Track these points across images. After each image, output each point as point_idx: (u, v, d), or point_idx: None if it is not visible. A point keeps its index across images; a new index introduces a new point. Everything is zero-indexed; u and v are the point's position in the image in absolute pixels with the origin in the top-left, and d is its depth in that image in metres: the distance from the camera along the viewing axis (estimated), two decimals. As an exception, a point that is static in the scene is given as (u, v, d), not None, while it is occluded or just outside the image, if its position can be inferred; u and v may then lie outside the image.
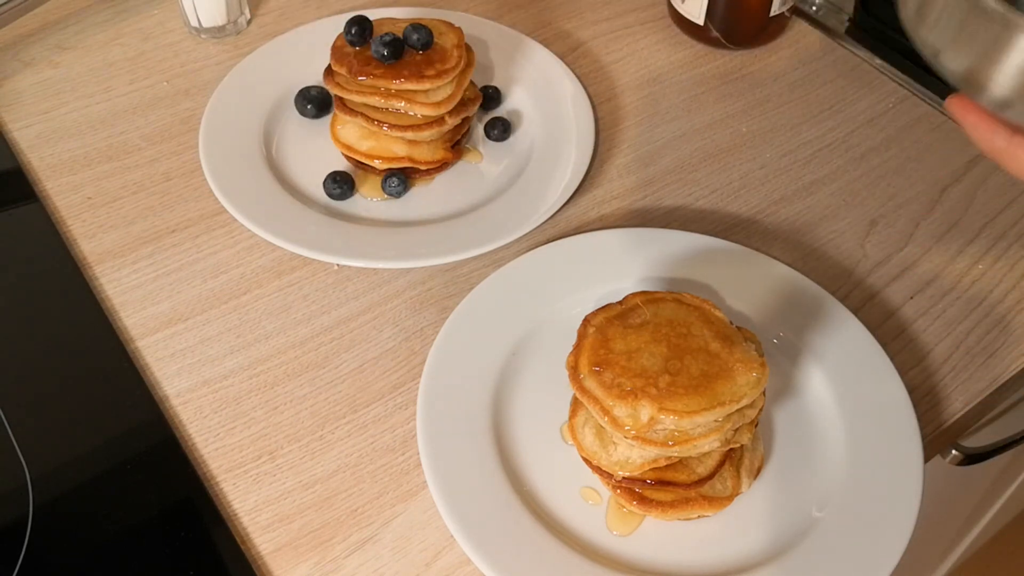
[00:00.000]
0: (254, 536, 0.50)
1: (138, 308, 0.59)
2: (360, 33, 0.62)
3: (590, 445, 0.49)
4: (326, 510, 0.51)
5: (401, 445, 0.53)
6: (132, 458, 0.52)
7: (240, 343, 0.57)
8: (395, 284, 0.61)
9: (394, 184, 0.64)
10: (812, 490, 0.52)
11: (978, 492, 1.01)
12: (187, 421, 0.54)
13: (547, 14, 0.79)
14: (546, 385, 0.55)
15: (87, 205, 0.64)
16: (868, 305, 0.61)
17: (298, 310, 0.59)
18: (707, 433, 0.46)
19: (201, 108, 0.69)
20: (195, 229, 0.63)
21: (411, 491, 0.52)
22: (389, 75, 0.60)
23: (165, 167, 0.66)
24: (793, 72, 0.76)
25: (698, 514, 0.50)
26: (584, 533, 0.50)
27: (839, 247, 0.64)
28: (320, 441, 0.53)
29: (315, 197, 0.64)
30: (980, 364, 0.59)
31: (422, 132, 0.62)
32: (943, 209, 0.67)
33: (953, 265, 0.64)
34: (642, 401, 0.45)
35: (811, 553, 0.49)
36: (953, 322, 0.60)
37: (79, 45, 0.75)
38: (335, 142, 0.65)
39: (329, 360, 0.57)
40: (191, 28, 0.75)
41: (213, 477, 0.52)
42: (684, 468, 0.49)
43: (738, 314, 0.58)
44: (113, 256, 0.61)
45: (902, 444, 0.52)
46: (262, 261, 0.62)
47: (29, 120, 0.69)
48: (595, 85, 0.73)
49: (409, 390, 0.56)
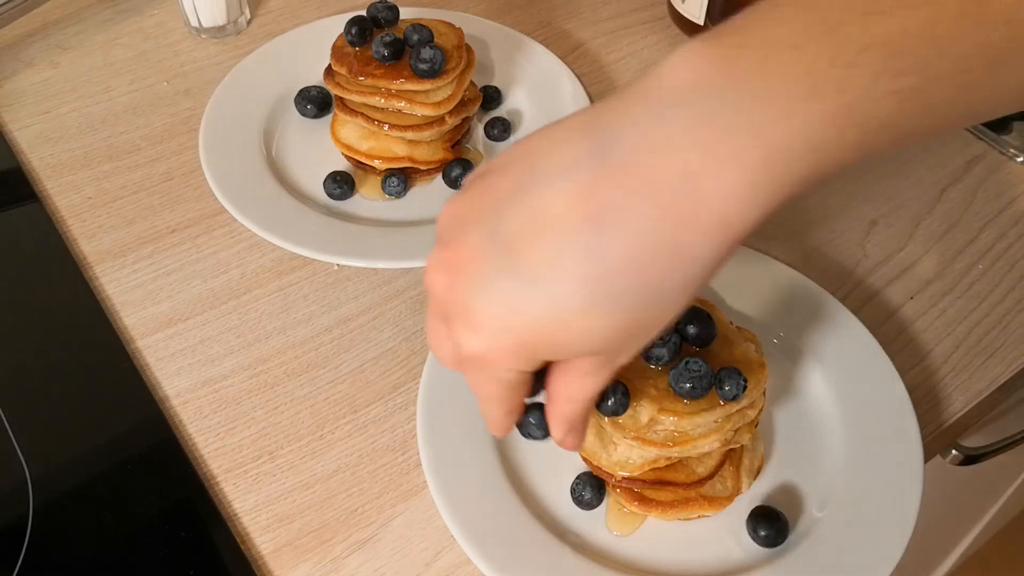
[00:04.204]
0: (254, 536, 0.50)
1: (138, 308, 0.59)
2: (360, 33, 0.62)
3: (590, 445, 0.49)
4: (326, 510, 0.51)
5: (401, 445, 0.53)
6: (132, 458, 0.52)
7: (240, 343, 0.57)
8: (395, 284, 0.61)
9: (394, 184, 0.64)
10: (812, 490, 0.52)
11: (978, 492, 1.01)
12: (187, 421, 0.54)
13: (547, 14, 0.79)
14: (546, 385, 0.55)
15: (87, 205, 0.64)
16: (868, 305, 0.61)
17: (298, 310, 0.59)
18: (707, 433, 0.46)
19: (201, 108, 0.69)
20: (195, 229, 0.63)
21: (411, 491, 0.52)
22: (389, 75, 0.60)
23: (165, 167, 0.66)
24: (793, 72, 0.76)
25: (698, 514, 0.50)
26: (584, 533, 0.50)
27: (839, 247, 0.64)
28: (320, 441, 0.53)
29: (315, 197, 0.64)
30: (980, 364, 0.59)
31: (422, 132, 0.62)
32: (943, 209, 0.67)
33: (953, 265, 0.64)
34: (642, 402, 0.45)
35: (811, 553, 0.49)
36: (953, 322, 0.60)
37: (79, 45, 0.75)
38: (335, 142, 0.65)
39: (329, 360, 0.57)
40: (191, 28, 0.75)
41: (213, 477, 0.52)
42: (684, 468, 0.49)
43: (738, 314, 0.58)
44: (113, 256, 0.61)
45: (902, 444, 0.52)
46: (262, 261, 0.62)
47: (29, 120, 0.69)
48: (595, 85, 0.73)
49: (409, 390, 0.56)
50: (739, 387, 0.45)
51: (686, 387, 0.45)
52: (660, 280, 0.31)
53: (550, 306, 0.32)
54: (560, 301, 0.32)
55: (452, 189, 0.65)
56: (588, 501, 0.50)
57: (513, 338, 0.33)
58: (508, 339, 0.33)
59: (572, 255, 0.31)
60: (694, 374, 0.45)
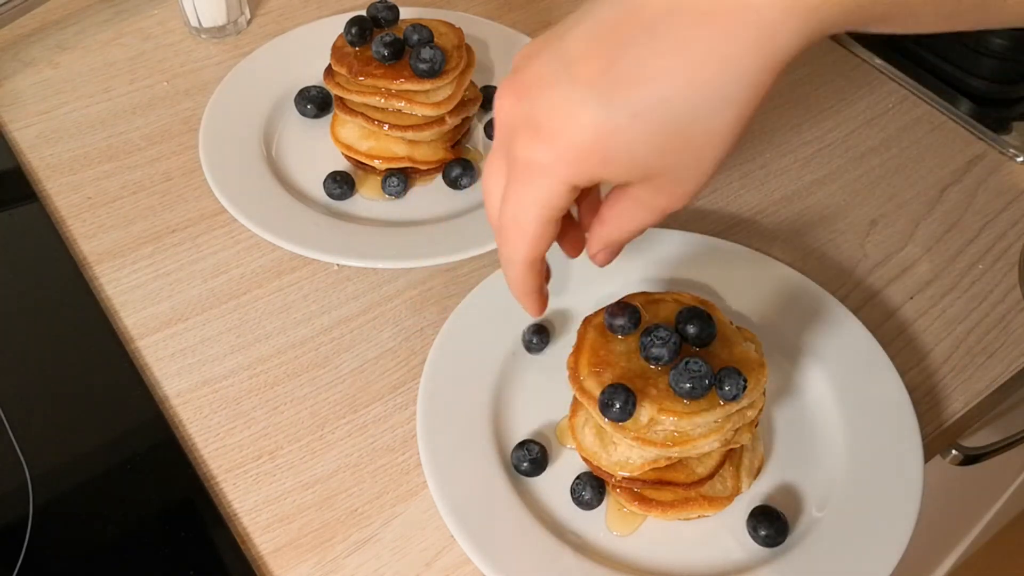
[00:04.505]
0: (254, 536, 0.50)
1: (138, 308, 0.59)
2: (360, 33, 0.61)
3: (590, 445, 0.49)
4: (326, 510, 0.51)
5: (401, 445, 0.53)
6: (132, 458, 0.52)
7: (240, 343, 0.57)
8: (395, 284, 0.61)
9: (394, 184, 0.64)
10: (812, 490, 0.52)
11: (978, 492, 1.01)
12: (187, 421, 0.54)
13: (547, 14, 0.79)
14: (546, 385, 0.55)
15: (87, 205, 0.64)
16: (868, 305, 0.61)
17: (298, 310, 0.59)
18: (707, 434, 0.46)
19: (201, 108, 0.69)
20: (195, 229, 0.63)
21: (411, 491, 0.52)
22: (389, 75, 0.60)
23: (165, 167, 0.66)
24: (793, 72, 0.76)
25: (698, 514, 0.50)
26: (584, 533, 0.50)
27: (839, 247, 0.64)
28: (320, 441, 0.53)
29: (315, 197, 0.64)
30: (980, 364, 0.59)
31: (422, 132, 0.62)
32: (943, 209, 0.67)
33: (953, 265, 0.64)
34: (642, 402, 0.45)
35: (811, 553, 0.49)
36: (953, 322, 0.60)
37: (79, 45, 0.75)
38: (335, 142, 0.65)
39: (329, 360, 0.57)
40: (191, 28, 0.75)
41: (213, 477, 0.52)
42: (684, 468, 0.49)
43: (738, 314, 0.58)
44: (113, 256, 0.61)
45: (902, 444, 0.52)
46: (262, 261, 0.62)
47: (29, 120, 0.69)
48: (595, 85, 0.73)
49: (409, 390, 0.56)
50: (739, 387, 0.45)
51: (686, 387, 0.45)
52: (708, 92, 0.33)
53: (605, 108, 0.34)
54: (614, 103, 0.34)
55: (452, 189, 0.65)
56: (588, 501, 0.50)
57: (570, 144, 0.35)
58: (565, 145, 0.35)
59: (625, 62, 0.33)
60: (694, 374, 0.45)
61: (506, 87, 0.37)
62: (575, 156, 0.35)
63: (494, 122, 0.38)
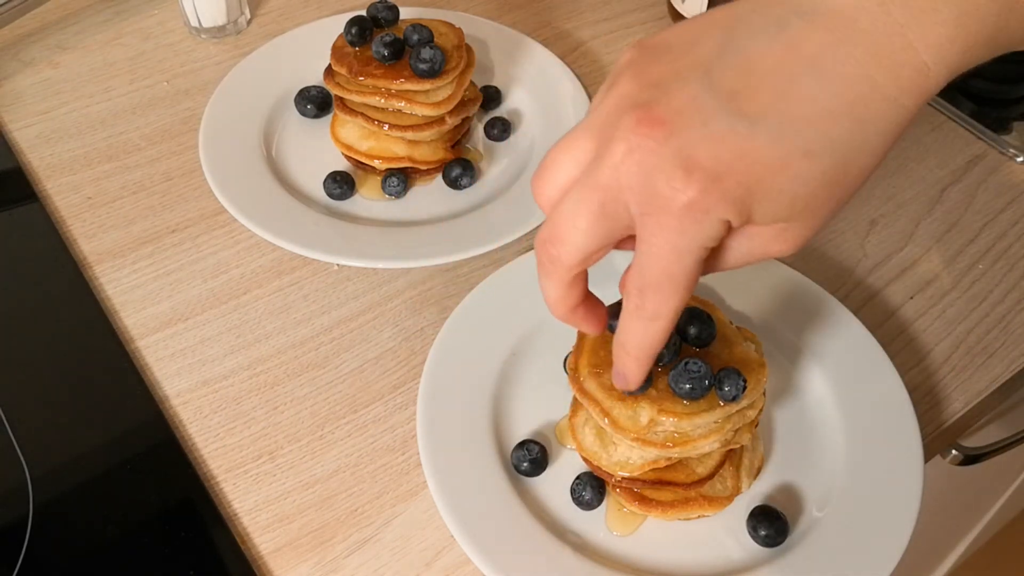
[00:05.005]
0: (254, 536, 0.50)
1: (138, 308, 0.59)
2: (360, 33, 0.61)
3: (590, 445, 0.49)
4: (326, 510, 0.51)
5: (401, 445, 0.53)
6: (132, 458, 0.52)
7: (240, 343, 0.57)
8: (395, 284, 0.61)
9: (394, 184, 0.64)
10: (812, 490, 0.52)
11: (978, 492, 1.01)
12: (187, 421, 0.54)
13: (547, 14, 0.79)
14: (546, 385, 0.55)
15: (87, 205, 0.64)
16: (868, 305, 0.61)
17: (298, 310, 0.59)
18: (707, 434, 0.46)
19: (201, 108, 0.69)
20: (195, 229, 0.63)
21: (411, 491, 0.52)
22: (389, 75, 0.60)
23: (165, 167, 0.66)
24: (793, 72, 0.76)
25: (698, 514, 0.50)
26: (584, 533, 0.50)
27: (839, 247, 0.64)
28: (320, 441, 0.53)
29: (315, 197, 0.64)
30: (980, 364, 0.59)
31: (422, 132, 0.62)
32: (943, 209, 0.67)
33: (953, 265, 0.64)
34: (642, 403, 0.45)
35: (811, 553, 0.49)
36: (953, 322, 0.60)
37: (79, 45, 0.75)
38: (335, 142, 0.65)
39: (329, 360, 0.57)
40: (191, 28, 0.75)
41: (213, 477, 0.52)
42: (684, 468, 0.49)
43: (738, 314, 0.58)
44: (113, 256, 0.61)
45: (902, 444, 0.52)
46: (262, 261, 0.62)
47: (29, 120, 0.69)
48: (595, 85, 0.73)
49: (409, 390, 0.56)
50: (739, 387, 0.45)
51: (686, 388, 0.45)
52: (870, 125, 0.34)
53: (776, 144, 0.33)
54: (786, 139, 0.33)
55: (452, 189, 0.65)
56: (588, 501, 0.50)
57: (738, 181, 0.33)
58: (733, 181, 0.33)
59: (794, 98, 0.33)
60: (694, 375, 0.45)
61: (640, 123, 0.34)
62: (743, 193, 0.33)
63: (606, 162, 0.35)
